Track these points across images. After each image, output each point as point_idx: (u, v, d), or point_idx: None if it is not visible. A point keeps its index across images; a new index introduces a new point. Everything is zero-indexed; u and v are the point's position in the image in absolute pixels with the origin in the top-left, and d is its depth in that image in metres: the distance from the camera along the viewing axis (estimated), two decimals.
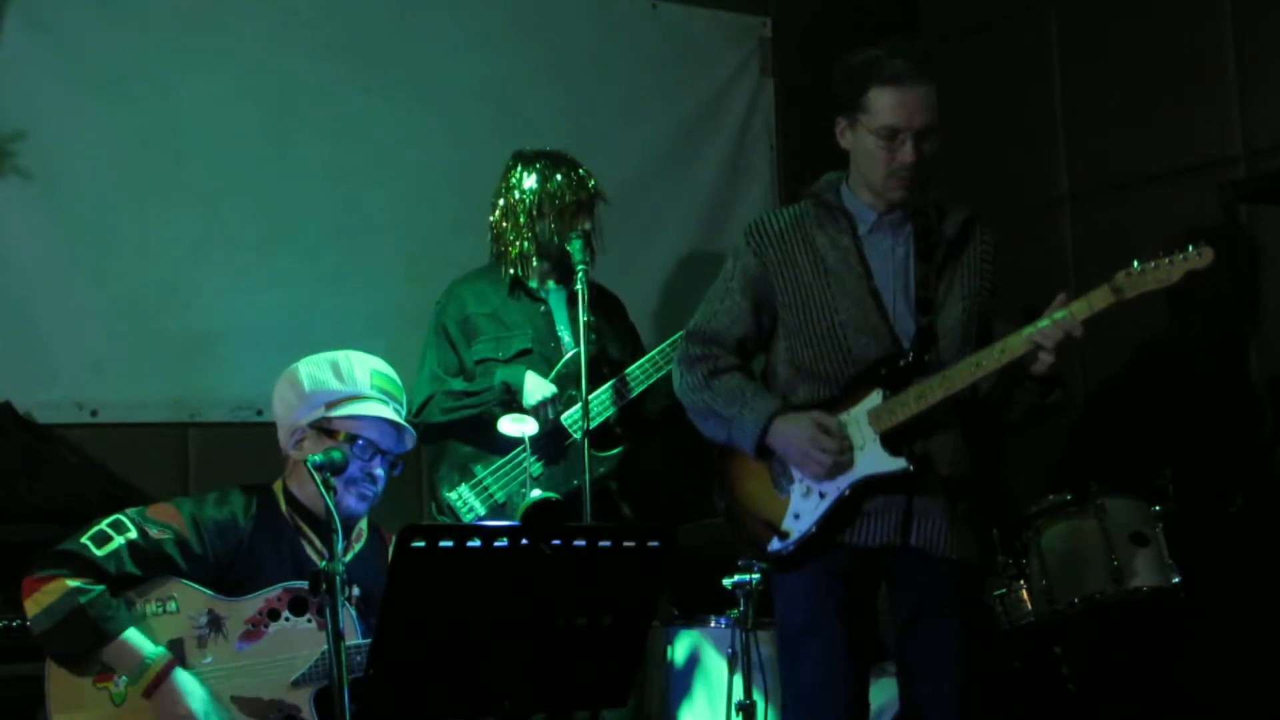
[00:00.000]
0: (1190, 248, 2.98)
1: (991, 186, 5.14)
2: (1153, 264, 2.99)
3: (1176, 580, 3.73)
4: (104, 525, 3.07)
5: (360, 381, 3.28)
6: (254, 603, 3.11)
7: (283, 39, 4.54)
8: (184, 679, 3.00)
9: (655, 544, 2.64)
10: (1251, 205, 4.43)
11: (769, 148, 5.40)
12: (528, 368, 3.96)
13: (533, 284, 4.10)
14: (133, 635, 2.99)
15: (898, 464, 3.11)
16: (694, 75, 5.26)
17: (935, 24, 5.58)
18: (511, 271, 4.07)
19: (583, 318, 3.79)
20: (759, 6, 5.42)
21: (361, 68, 4.65)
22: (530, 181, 4.05)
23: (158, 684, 2.97)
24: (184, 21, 4.39)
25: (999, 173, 5.18)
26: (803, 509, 3.17)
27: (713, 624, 3.86)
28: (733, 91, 5.33)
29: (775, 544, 3.19)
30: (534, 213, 4.03)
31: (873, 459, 3.12)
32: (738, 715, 3.53)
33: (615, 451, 4.05)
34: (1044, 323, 3.03)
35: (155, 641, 3.01)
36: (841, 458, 3.11)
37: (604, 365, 4.06)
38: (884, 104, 3.12)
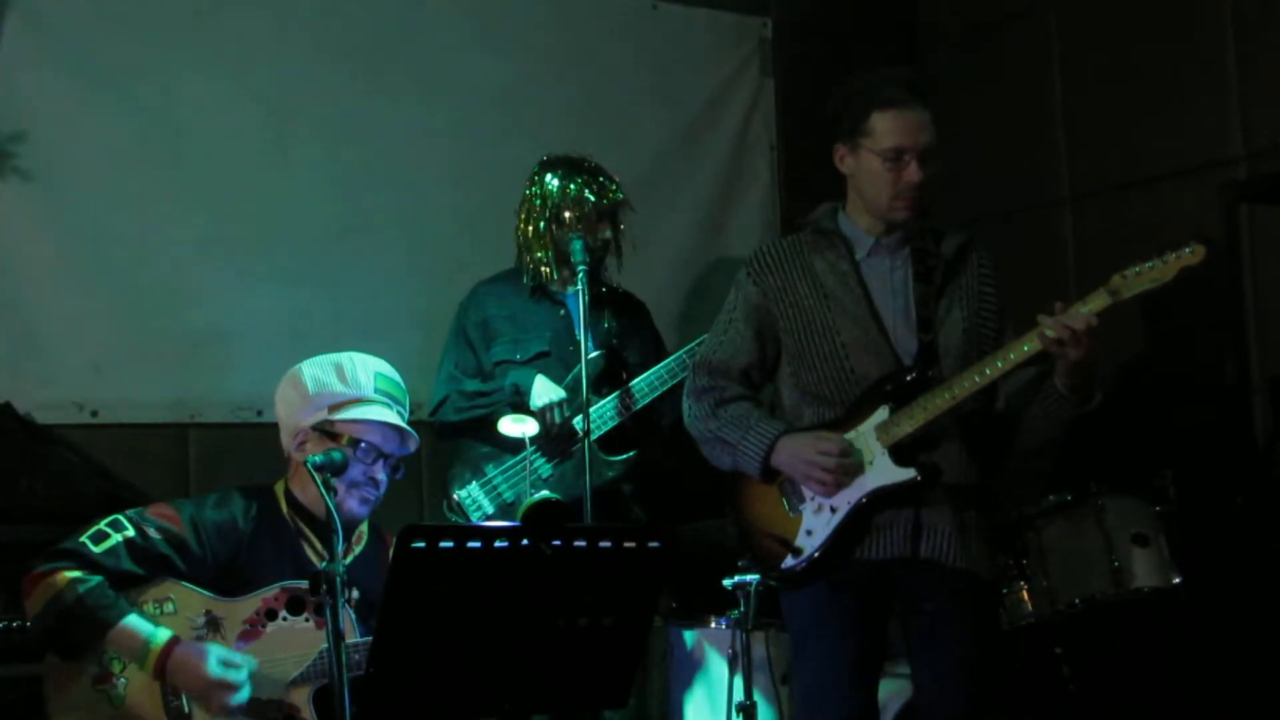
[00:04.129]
0: (1183, 246, 2.99)
1: (991, 186, 5.15)
2: (1148, 264, 3.01)
3: (1176, 580, 3.73)
4: (102, 525, 3.08)
5: (364, 384, 3.28)
6: (251, 603, 3.11)
7: (283, 39, 4.54)
8: (191, 647, 3.01)
9: (655, 544, 2.65)
10: (1251, 205, 4.44)
11: (769, 148, 5.40)
12: (545, 371, 3.99)
13: (554, 288, 4.12)
14: (133, 620, 2.99)
15: (906, 474, 3.14)
16: (694, 76, 5.26)
17: (935, 24, 5.59)
18: (533, 279, 4.10)
19: (583, 319, 3.81)
20: (759, 7, 5.41)
21: (362, 68, 4.65)
22: (552, 187, 4.07)
23: (165, 660, 2.97)
24: (184, 21, 4.38)
25: (999, 173, 5.18)
26: (815, 525, 3.19)
27: (713, 624, 3.87)
28: (733, 92, 5.33)
29: (789, 561, 3.22)
30: (554, 219, 4.05)
31: (881, 472, 3.15)
32: (738, 716, 3.53)
33: (627, 455, 4.05)
34: (1041, 327, 3.03)
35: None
36: (846, 460, 3.13)
37: (623, 370, 4.08)
38: (887, 127, 3.17)
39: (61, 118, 4.20)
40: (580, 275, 3.86)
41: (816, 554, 3.17)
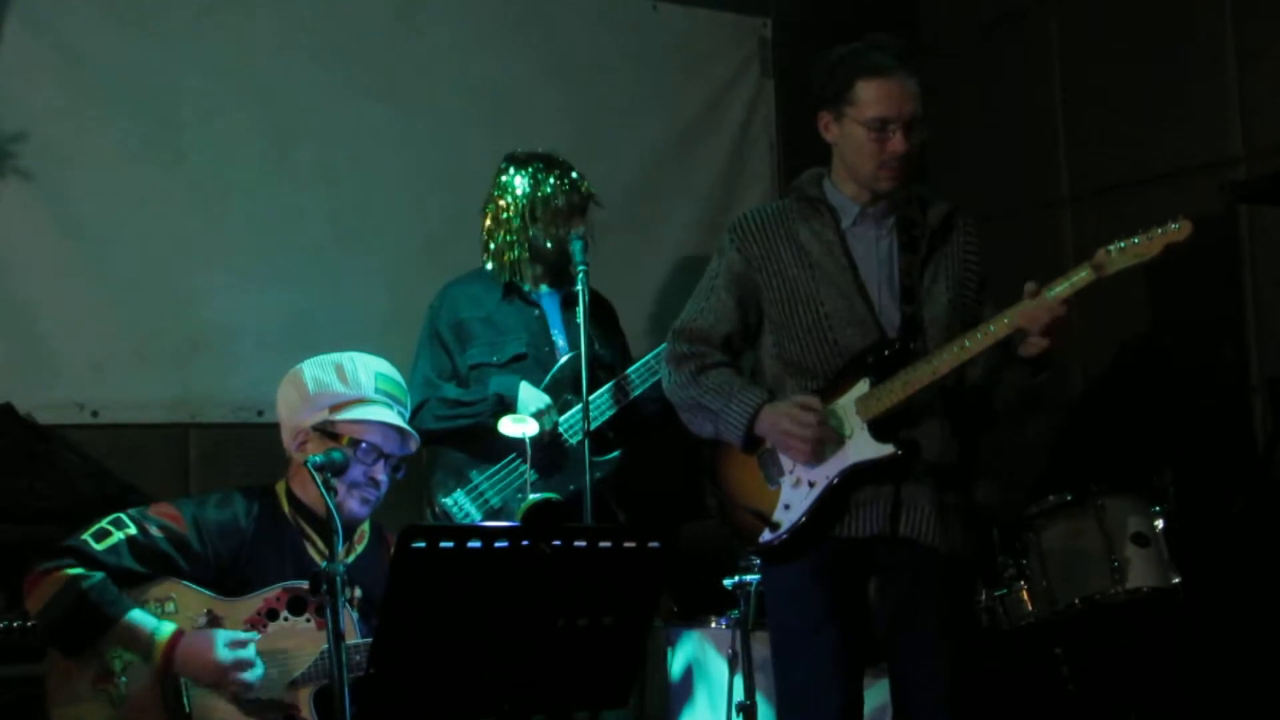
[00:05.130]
0: (1169, 221, 2.99)
1: (991, 186, 5.15)
2: (1133, 239, 3.00)
3: (1176, 580, 3.73)
4: (104, 523, 3.09)
5: (364, 384, 3.28)
6: (252, 603, 3.11)
7: (283, 42, 4.54)
8: (196, 636, 3.01)
9: (655, 545, 2.65)
10: (1251, 205, 4.43)
11: (769, 148, 5.40)
12: (522, 373, 3.95)
13: (526, 288, 4.09)
14: (137, 615, 3.00)
15: (885, 449, 3.11)
16: (694, 76, 5.26)
17: (935, 24, 5.59)
18: (506, 276, 4.06)
19: (584, 319, 3.78)
20: (759, 7, 5.42)
21: (360, 70, 4.65)
22: (522, 184, 4.04)
23: (172, 651, 2.98)
24: (184, 24, 4.39)
25: (999, 173, 5.18)
26: (793, 499, 3.17)
27: (713, 624, 3.87)
28: (733, 92, 5.33)
29: (766, 535, 3.19)
30: (526, 216, 4.02)
31: (861, 446, 3.12)
32: (738, 716, 3.54)
33: (611, 456, 4.02)
34: (1026, 304, 3.02)
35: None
36: (825, 430, 3.11)
37: (598, 369, 4.04)
38: (871, 95, 3.14)
39: (61, 118, 4.20)
40: (580, 275, 3.84)
41: (794, 528, 3.14)
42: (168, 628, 3.00)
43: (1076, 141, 5.03)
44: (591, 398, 3.83)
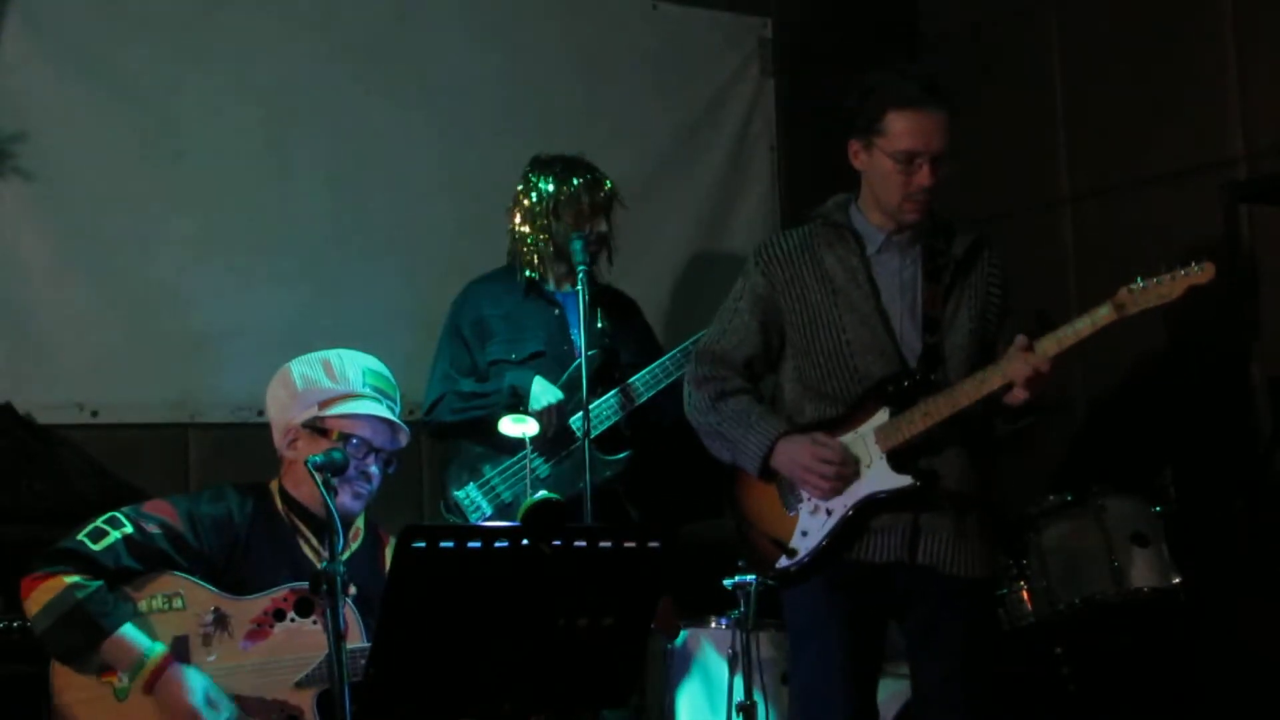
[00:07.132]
0: (1192, 263, 2.99)
1: (991, 186, 5.14)
2: (1155, 279, 3.00)
3: (1176, 580, 3.73)
4: (99, 522, 3.08)
5: (353, 379, 3.27)
6: (260, 602, 3.11)
7: (283, 39, 4.54)
8: (183, 672, 2.99)
9: (655, 545, 2.65)
10: (1251, 206, 4.44)
11: (769, 149, 5.40)
12: (540, 371, 3.99)
13: (549, 287, 4.13)
14: (129, 631, 2.99)
15: (903, 481, 3.12)
16: (694, 76, 5.26)
17: (935, 24, 5.59)
18: (528, 274, 4.10)
19: (582, 317, 3.81)
20: (759, 7, 5.41)
21: (361, 68, 4.64)
22: (547, 185, 4.09)
23: (157, 678, 2.97)
24: (184, 21, 4.38)
25: (999, 173, 5.18)
26: (810, 526, 3.18)
27: (713, 624, 3.87)
28: (733, 92, 5.33)
29: (783, 561, 3.21)
30: (550, 216, 4.06)
31: (879, 476, 3.14)
32: (738, 716, 3.53)
33: (623, 455, 4.05)
34: (1014, 361, 3.02)
35: (158, 637, 3.01)
36: (844, 469, 3.12)
37: (615, 370, 4.07)
38: (902, 128, 3.13)
39: (61, 118, 4.20)
40: (580, 274, 3.86)
41: (811, 555, 3.16)
42: (157, 650, 2.99)
43: (1076, 141, 5.03)
44: (597, 401, 3.85)
